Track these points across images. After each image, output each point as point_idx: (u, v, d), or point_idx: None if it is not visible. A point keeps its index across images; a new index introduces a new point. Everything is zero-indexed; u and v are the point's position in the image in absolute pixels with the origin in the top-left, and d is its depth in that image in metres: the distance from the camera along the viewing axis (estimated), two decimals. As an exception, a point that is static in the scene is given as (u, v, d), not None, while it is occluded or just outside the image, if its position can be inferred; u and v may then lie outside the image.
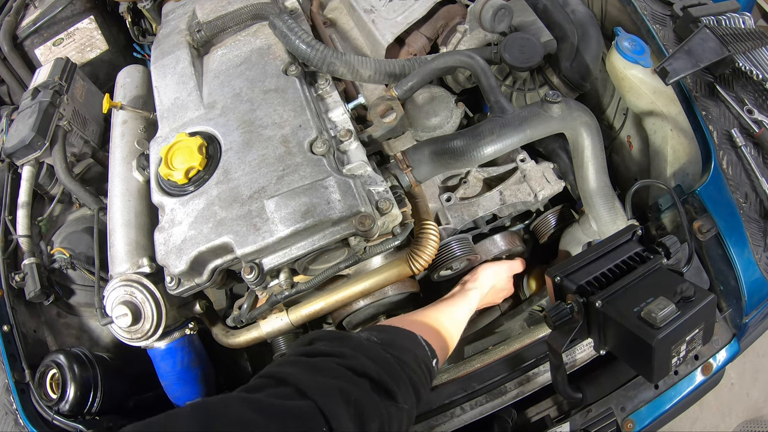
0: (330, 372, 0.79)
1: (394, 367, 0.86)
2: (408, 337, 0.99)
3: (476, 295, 1.29)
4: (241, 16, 1.48)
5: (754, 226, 1.26)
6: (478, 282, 1.32)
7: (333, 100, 1.40)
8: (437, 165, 1.27)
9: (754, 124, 1.31)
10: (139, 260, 1.30)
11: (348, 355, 0.83)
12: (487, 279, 1.34)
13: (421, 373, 0.91)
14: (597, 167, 1.30)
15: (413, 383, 0.88)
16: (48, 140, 1.57)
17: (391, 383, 0.82)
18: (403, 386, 0.85)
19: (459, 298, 1.27)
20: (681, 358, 0.95)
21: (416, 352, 0.95)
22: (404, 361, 0.89)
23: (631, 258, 1.08)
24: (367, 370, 0.81)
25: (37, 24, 2.02)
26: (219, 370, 1.46)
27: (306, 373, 0.77)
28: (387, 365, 0.85)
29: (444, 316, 1.17)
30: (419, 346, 0.98)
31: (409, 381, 0.87)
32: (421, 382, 0.90)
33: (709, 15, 1.41)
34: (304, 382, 0.75)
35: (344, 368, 0.80)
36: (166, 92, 1.43)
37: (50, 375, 1.32)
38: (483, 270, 1.35)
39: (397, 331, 1.00)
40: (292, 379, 0.76)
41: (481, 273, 1.34)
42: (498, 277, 1.37)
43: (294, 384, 0.75)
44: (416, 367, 0.91)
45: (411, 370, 0.89)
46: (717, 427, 2.40)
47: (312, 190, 1.11)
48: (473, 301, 1.27)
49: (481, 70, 1.34)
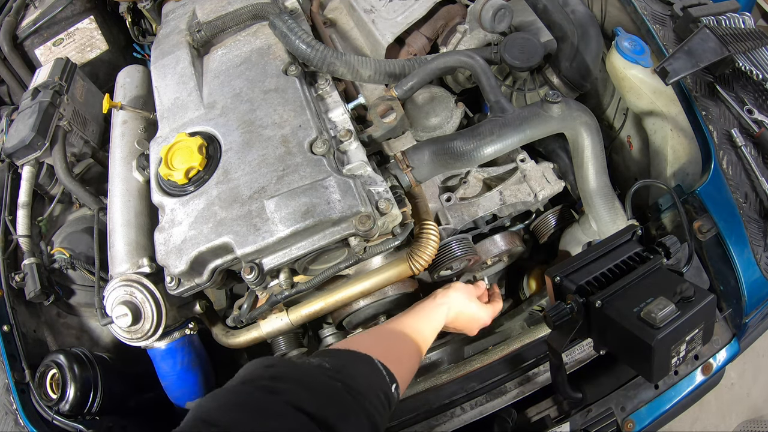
0: (263, 411, 0.71)
1: (341, 398, 0.78)
2: (363, 362, 0.91)
3: (444, 310, 1.21)
4: (241, 16, 1.48)
5: (754, 226, 1.26)
6: (448, 297, 1.23)
7: (333, 100, 1.40)
8: (437, 165, 1.27)
9: (754, 124, 1.31)
10: (139, 260, 1.30)
11: (282, 390, 0.75)
12: (458, 298, 1.24)
13: (377, 402, 0.84)
14: (597, 167, 1.30)
15: (367, 413, 0.80)
16: (48, 140, 1.57)
17: (334, 417, 0.73)
18: (353, 418, 0.77)
19: (427, 310, 1.20)
20: (681, 358, 0.96)
21: (371, 378, 0.88)
22: (356, 389, 0.81)
23: (631, 258, 1.08)
24: (302, 405, 0.72)
25: (37, 24, 2.02)
26: (219, 370, 1.45)
27: (234, 414, 0.70)
28: (331, 396, 0.78)
29: (409, 329, 1.10)
30: (375, 371, 0.90)
31: (362, 411, 0.79)
32: (377, 411, 0.82)
33: (709, 15, 1.41)
34: (233, 425, 0.68)
35: (282, 402, 0.73)
36: (166, 92, 1.43)
37: (50, 375, 1.32)
38: (455, 287, 1.27)
39: (350, 355, 0.92)
40: (222, 424, 0.69)
41: (453, 289, 1.26)
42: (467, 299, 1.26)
43: (222, 428, 0.68)
44: (371, 396, 0.83)
45: (364, 398, 0.81)
46: (717, 427, 2.40)
47: (312, 190, 1.11)
48: (441, 314, 1.20)
49: (481, 70, 1.34)
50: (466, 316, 1.26)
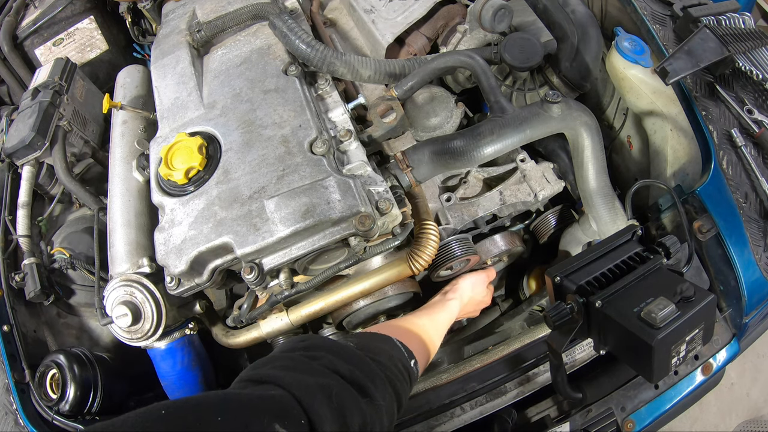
0: (307, 370, 0.77)
1: (368, 365, 0.84)
2: (383, 340, 0.98)
3: (456, 305, 1.29)
4: (241, 16, 1.48)
5: (754, 226, 1.26)
6: (458, 293, 1.32)
7: (333, 100, 1.40)
8: (437, 165, 1.27)
9: (754, 124, 1.31)
10: (139, 260, 1.30)
11: (319, 356, 0.82)
12: (466, 289, 1.35)
13: (398, 372, 0.90)
14: (597, 167, 1.30)
15: (390, 381, 0.86)
16: (48, 140, 1.57)
17: (365, 380, 0.80)
18: (380, 383, 0.83)
19: (439, 306, 1.27)
20: (681, 358, 0.95)
21: (392, 353, 0.94)
22: (379, 361, 0.88)
23: (631, 258, 1.08)
24: (338, 368, 0.79)
25: (37, 24, 2.02)
26: (219, 370, 1.46)
27: (282, 371, 0.75)
28: (360, 363, 0.84)
29: (422, 321, 1.16)
30: (395, 347, 0.97)
31: (386, 378, 0.85)
32: (398, 380, 0.89)
33: (709, 15, 1.41)
34: (281, 378, 0.73)
35: (320, 365, 0.79)
36: (166, 92, 1.43)
37: (50, 375, 1.32)
38: (462, 280, 1.36)
39: (371, 336, 1.00)
40: (270, 378, 0.74)
41: (461, 283, 1.35)
42: (476, 289, 1.37)
43: (272, 381, 0.73)
44: (392, 366, 0.90)
45: (387, 369, 0.88)
46: (717, 427, 2.40)
47: (312, 190, 1.11)
48: (453, 310, 1.28)
49: (481, 70, 1.34)
50: (474, 303, 1.40)
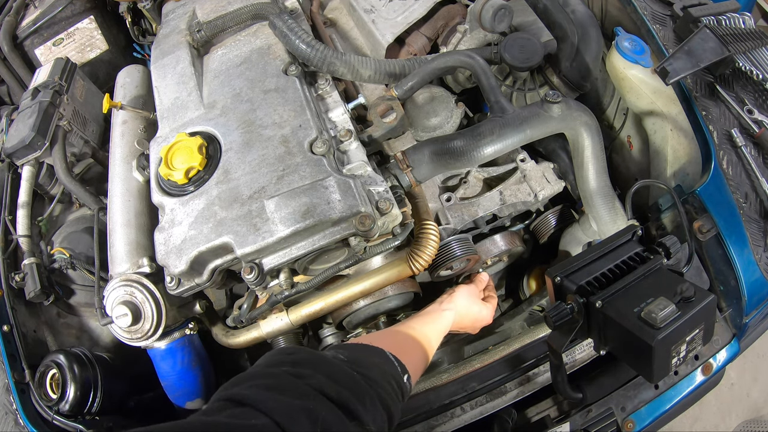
0: (291, 390, 0.73)
1: (359, 384, 0.81)
2: (376, 354, 0.95)
3: (450, 316, 1.25)
4: (241, 16, 1.48)
5: (754, 226, 1.26)
6: (453, 303, 1.28)
7: (333, 100, 1.40)
8: (437, 165, 1.27)
9: (754, 124, 1.31)
10: (139, 260, 1.30)
11: (306, 374, 0.78)
12: (462, 300, 1.30)
13: (390, 389, 0.87)
14: (597, 167, 1.30)
15: (382, 399, 0.83)
16: (48, 140, 1.57)
17: (354, 401, 0.76)
18: (370, 403, 0.80)
19: (434, 316, 1.24)
20: (681, 358, 0.96)
21: (384, 368, 0.91)
22: (371, 378, 0.84)
23: (631, 258, 1.08)
24: (325, 389, 0.75)
25: (37, 24, 2.01)
26: (219, 370, 1.45)
27: (265, 392, 0.72)
28: (350, 382, 0.80)
29: (417, 333, 1.14)
30: (388, 362, 0.94)
31: (377, 398, 0.82)
32: (391, 399, 0.85)
33: (709, 15, 1.41)
34: (263, 402, 0.70)
35: (306, 385, 0.75)
36: (166, 92, 1.43)
37: (50, 375, 1.32)
38: (459, 291, 1.32)
39: (364, 348, 0.96)
40: (251, 400, 0.70)
41: (457, 293, 1.31)
42: (471, 300, 1.32)
43: (253, 405, 0.69)
44: (385, 384, 0.86)
45: (379, 386, 0.84)
46: (717, 427, 2.40)
47: (312, 190, 1.11)
48: (447, 320, 1.24)
49: (481, 70, 1.34)
50: (471, 317, 1.32)
